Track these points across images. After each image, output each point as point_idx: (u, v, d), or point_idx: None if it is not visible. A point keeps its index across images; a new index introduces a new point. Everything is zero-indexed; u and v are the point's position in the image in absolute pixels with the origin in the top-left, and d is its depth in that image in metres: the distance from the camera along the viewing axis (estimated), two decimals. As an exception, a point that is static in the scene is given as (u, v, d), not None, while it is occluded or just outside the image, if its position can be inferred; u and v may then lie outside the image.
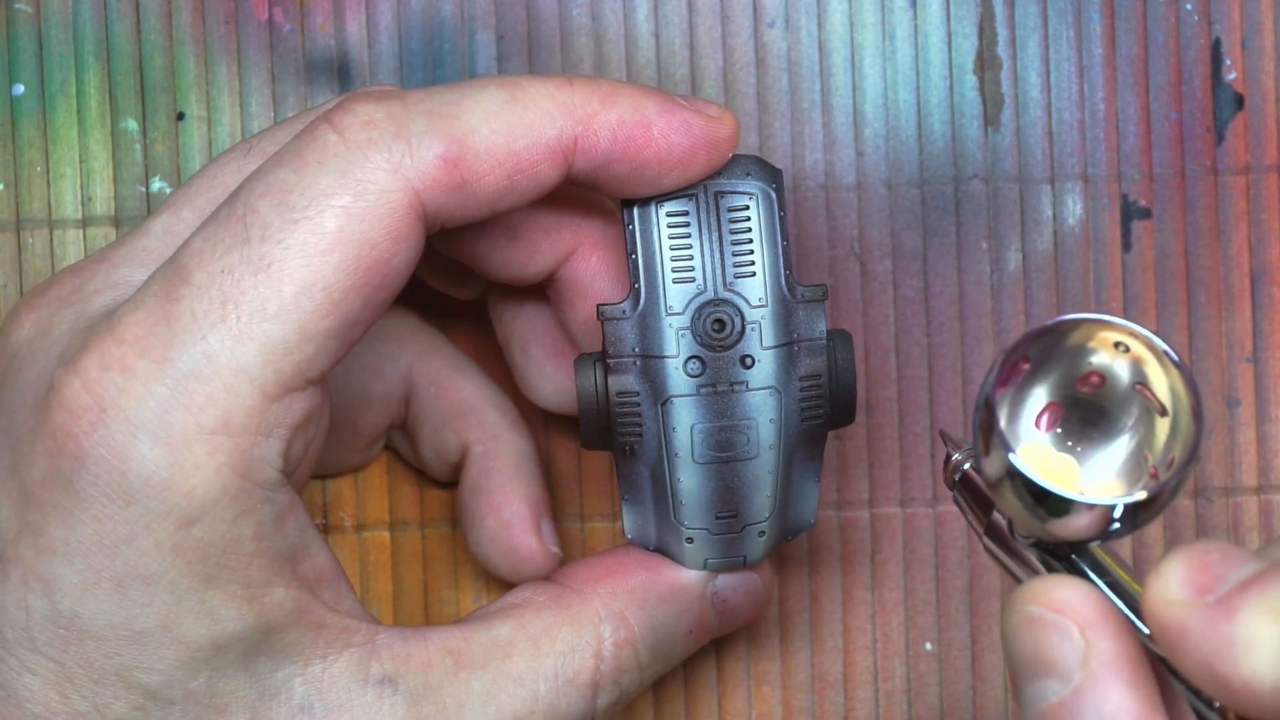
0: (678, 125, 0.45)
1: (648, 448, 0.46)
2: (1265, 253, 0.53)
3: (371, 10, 0.53)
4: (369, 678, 0.45)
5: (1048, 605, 0.39)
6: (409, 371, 0.51)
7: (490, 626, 0.46)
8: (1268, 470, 0.53)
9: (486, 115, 0.44)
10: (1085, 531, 0.39)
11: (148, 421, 0.42)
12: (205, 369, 0.42)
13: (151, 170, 0.53)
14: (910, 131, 0.53)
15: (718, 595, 0.48)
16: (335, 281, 0.43)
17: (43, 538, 0.43)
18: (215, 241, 0.43)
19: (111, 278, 0.45)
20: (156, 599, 0.43)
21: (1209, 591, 0.37)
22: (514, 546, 0.51)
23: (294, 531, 0.44)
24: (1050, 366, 0.41)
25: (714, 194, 0.46)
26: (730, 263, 0.46)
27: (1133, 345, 0.40)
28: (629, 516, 0.48)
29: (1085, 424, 0.41)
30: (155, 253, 0.46)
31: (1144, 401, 0.41)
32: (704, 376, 0.46)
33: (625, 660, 0.47)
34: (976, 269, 0.53)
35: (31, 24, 0.53)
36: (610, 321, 0.46)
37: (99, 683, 0.43)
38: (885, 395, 0.53)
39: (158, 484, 0.42)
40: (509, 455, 0.51)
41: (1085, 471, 0.41)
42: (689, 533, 0.47)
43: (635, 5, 0.53)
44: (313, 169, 0.43)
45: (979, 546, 0.53)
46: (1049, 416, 0.41)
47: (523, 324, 0.51)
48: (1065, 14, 0.53)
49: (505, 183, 0.44)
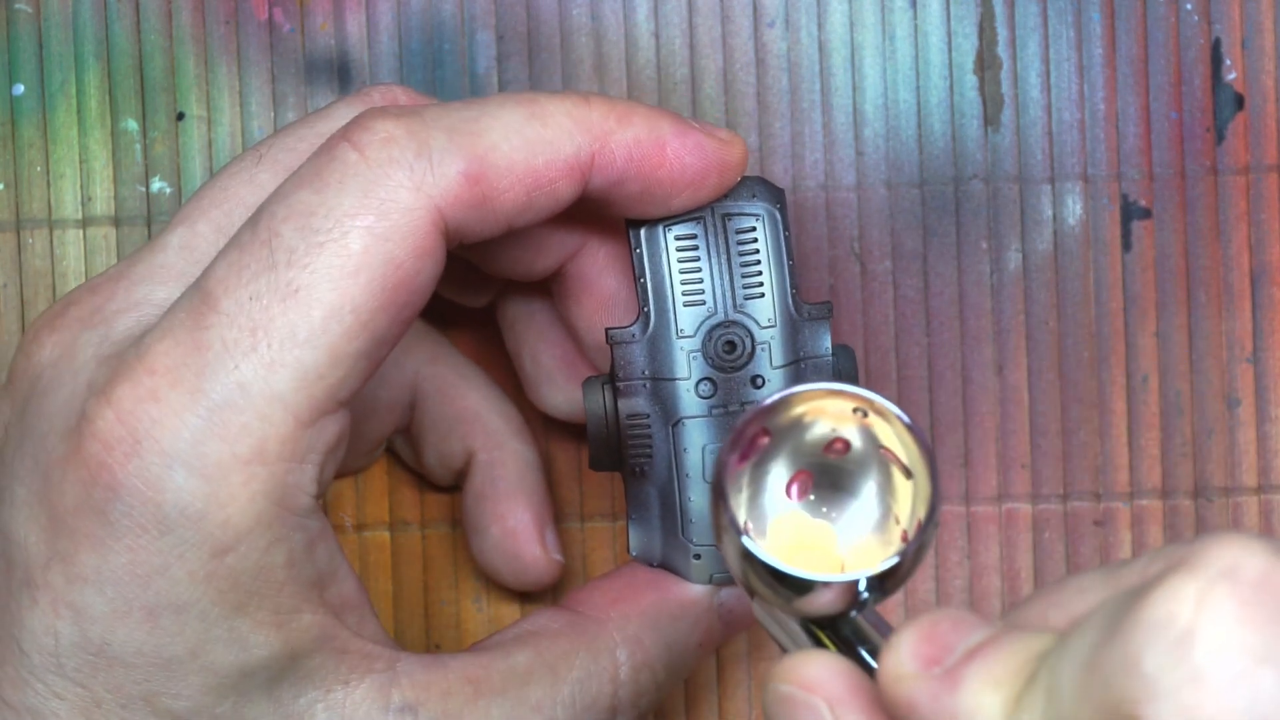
0: (691, 147, 0.45)
1: (658, 469, 0.46)
2: (1265, 253, 0.53)
3: (371, 10, 0.53)
4: (390, 705, 0.45)
5: (798, 683, 0.38)
6: (414, 378, 0.51)
7: (508, 654, 0.46)
8: (1268, 470, 0.53)
9: (507, 132, 0.44)
10: (834, 606, 0.39)
11: (183, 453, 0.42)
12: (239, 399, 0.42)
13: (151, 170, 0.53)
14: (910, 131, 0.53)
15: (723, 606, 0.49)
16: (363, 303, 0.42)
17: (74, 566, 0.42)
18: (240, 267, 0.43)
19: (132, 296, 0.45)
20: (187, 628, 0.43)
21: (937, 663, 0.37)
22: (518, 555, 0.51)
23: (323, 558, 0.44)
24: (792, 436, 0.41)
25: (721, 216, 0.46)
26: (740, 284, 0.46)
27: (869, 410, 0.40)
28: (635, 534, 0.48)
29: (836, 488, 0.41)
30: (174, 269, 0.45)
31: (887, 464, 0.40)
32: (715, 398, 0.46)
33: (644, 683, 0.47)
34: (976, 269, 0.53)
35: (31, 24, 0.53)
36: (620, 345, 0.46)
37: (126, 709, 0.43)
38: (886, 395, 0.53)
39: (193, 514, 0.42)
40: (513, 463, 0.51)
41: (840, 535, 0.41)
42: (697, 549, 0.47)
43: (635, 5, 0.53)
44: (334, 189, 0.43)
45: (978, 547, 0.53)
46: (799, 485, 0.41)
47: (533, 333, 0.50)
48: (1065, 14, 0.53)
49: (524, 199, 0.44)
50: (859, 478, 0.41)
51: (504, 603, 0.54)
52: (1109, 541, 0.53)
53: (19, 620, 0.43)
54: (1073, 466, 0.53)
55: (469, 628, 0.53)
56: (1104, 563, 0.53)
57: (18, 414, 0.44)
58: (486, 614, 0.54)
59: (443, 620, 0.54)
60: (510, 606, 0.54)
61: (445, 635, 0.54)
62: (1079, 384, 0.53)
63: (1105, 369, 0.53)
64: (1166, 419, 0.53)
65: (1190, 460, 0.53)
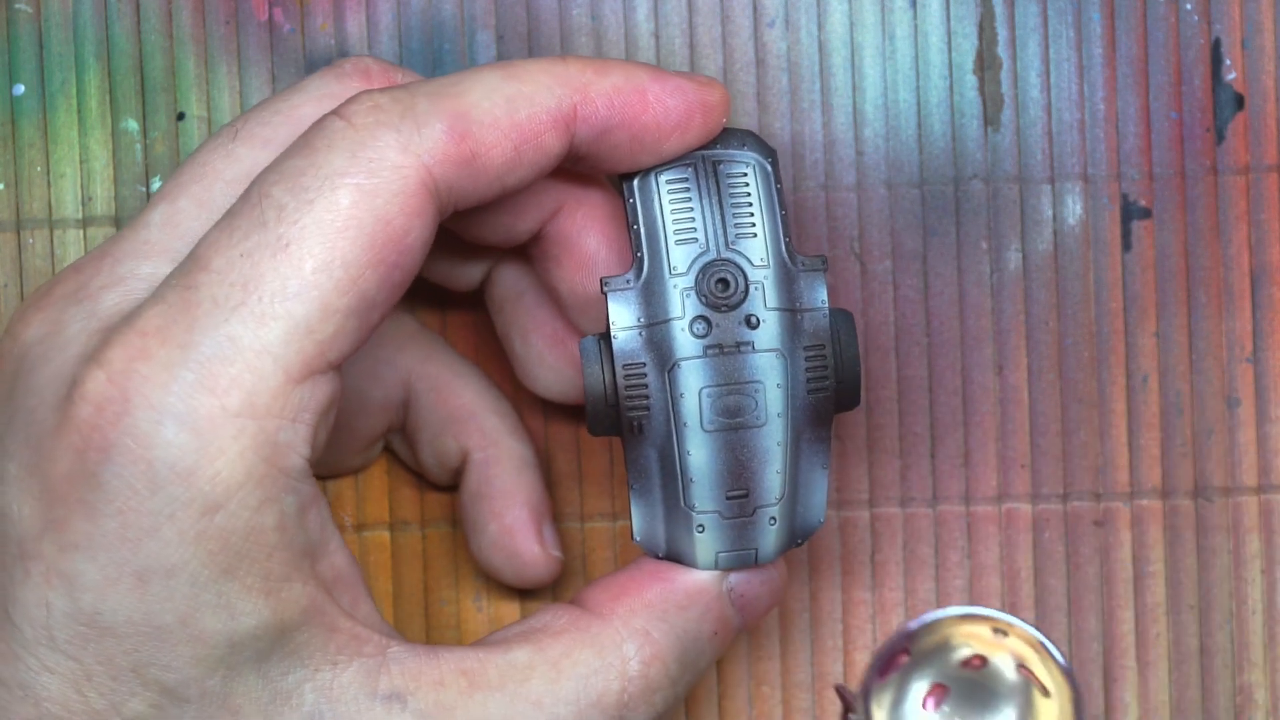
0: (671, 89, 0.46)
1: (655, 421, 0.46)
2: (1265, 253, 0.53)
3: (371, 10, 0.53)
4: (377, 691, 0.45)
5: None
6: (408, 377, 0.51)
7: (507, 649, 0.46)
8: (1268, 470, 0.53)
9: (487, 90, 0.45)
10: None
11: (173, 407, 0.42)
12: (229, 351, 0.42)
13: (152, 170, 0.53)
14: (910, 131, 0.53)
15: (734, 591, 0.48)
16: (353, 258, 0.43)
17: (65, 534, 0.43)
18: (232, 230, 0.43)
19: (117, 272, 0.45)
20: (176, 593, 0.43)
21: None
22: (516, 552, 0.51)
23: (315, 527, 0.44)
24: (931, 655, 0.42)
25: (712, 163, 0.47)
26: (731, 223, 0.46)
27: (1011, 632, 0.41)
28: (637, 513, 0.48)
29: (972, 701, 0.42)
30: (157, 245, 0.46)
31: (1027, 683, 0.41)
32: (710, 337, 0.46)
33: (655, 677, 0.47)
34: (976, 269, 0.53)
35: (31, 24, 0.53)
36: (614, 293, 0.46)
37: (117, 680, 0.43)
38: (885, 395, 0.53)
39: (183, 470, 0.42)
40: (509, 461, 0.51)
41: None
42: (700, 519, 0.47)
43: (635, 5, 0.53)
44: (323, 152, 0.43)
45: (978, 547, 0.53)
46: (935, 698, 0.42)
47: (523, 313, 0.51)
48: (1065, 14, 0.53)
49: (513, 154, 0.45)
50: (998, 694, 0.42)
51: (504, 602, 0.54)
52: (1109, 542, 0.53)
53: (12, 595, 0.43)
54: (1073, 466, 0.53)
55: (469, 627, 0.54)
56: (1104, 563, 0.53)
57: (6, 392, 0.45)
58: (487, 613, 0.54)
59: (443, 620, 0.54)
60: (510, 606, 0.54)
61: (445, 635, 0.54)
62: (1079, 384, 0.53)
63: (1105, 369, 0.53)
64: (1166, 419, 0.53)
65: (1190, 460, 0.53)
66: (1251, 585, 0.53)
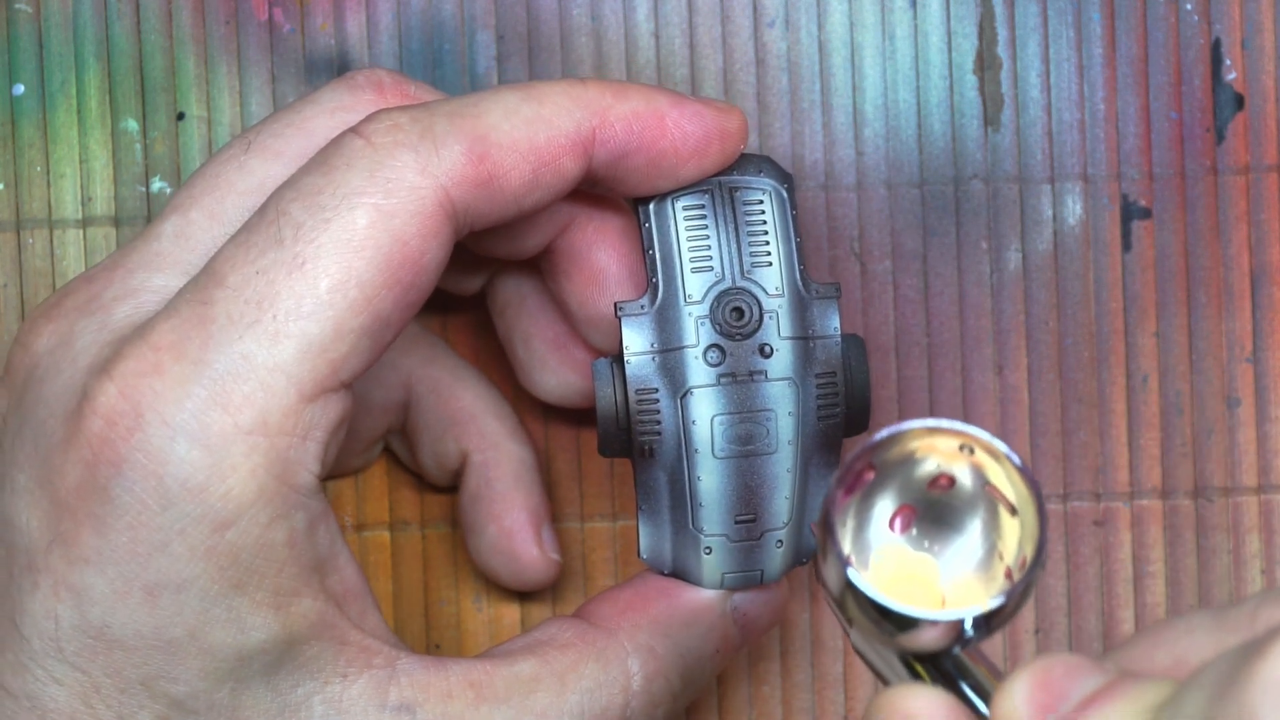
0: (690, 115, 0.46)
1: (666, 446, 0.46)
2: (1265, 253, 0.53)
3: (371, 10, 0.53)
4: (386, 703, 0.45)
5: (901, 716, 0.38)
6: (408, 378, 0.51)
7: (513, 662, 0.46)
8: (1268, 470, 0.53)
9: (506, 112, 0.44)
10: (936, 643, 0.39)
11: (185, 423, 0.42)
12: (242, 369, 0.42)
13: (151, 170, 0.53)
14: (910, 131, 0.53)
15: (737, 610, 0.48)
16: (368, 278, 0.43)
17: (75, 547, 0.42)
18: (248, 246, 0.43)
19: (129, 284, 0.45)
20: (186, 607, 0.43)
21: (1051, 710, 0.36)
22: (515, 554, 0.51)
23: (324, 542, 0.44)
24: (897, 471, 0.41)
25: (729, 189, 0.47)
26: (747, 251, 0.46)
27: (976, 448, 0.40)
28: (645, 532, 0.48)
29: (940, 524, 0.41)
30: (169, 256, 0.46)
31: (993, 501, 0.40)
32: (723, 366, 0.46)
33: (658, 692, 0.47)
34: (976, 269, 0.53)
35: (31, 24, 0.53)
36: (629, 318, 0.46)
37: (125, 693, 0.43)
38: (885, 395, 0.53)
39: (194, 486, 0.42)
40: (509, 463, 0.51)
41: (943, 570, 0.41)
42: (707, 541, 0.47)
43: (635, 5, 0.53)
44: (341, 171, 0.43)
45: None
46: (902, 519, 0.41)
47: (525, 317, 0.51)
48: (1065, 14, 0.53)
49: (530, 177, 0.44)
50: (964, 514, 0.41)
51: (504, 603, 0.54)
52: (1109, 541, 0.53)
53: (20, 606, 0.43)
54: (1073, 466, 0.53)
55: (469, 628, 0.54)
56: (1104, 563, 0.53)
57: (15, 402, 0.44)
58: (486, 614, 0.54)
59: (443, 620, 0.54)
60: (510, 607, 0.54)
61: (445, 635, 0.54)
62: (1079, 384, 0.53)
63: (1105, 369, 0.53)
64: (1166, 419, 0.53)
65: (1190, 460, 0.53)
66: (1251, 585, 0.53)
